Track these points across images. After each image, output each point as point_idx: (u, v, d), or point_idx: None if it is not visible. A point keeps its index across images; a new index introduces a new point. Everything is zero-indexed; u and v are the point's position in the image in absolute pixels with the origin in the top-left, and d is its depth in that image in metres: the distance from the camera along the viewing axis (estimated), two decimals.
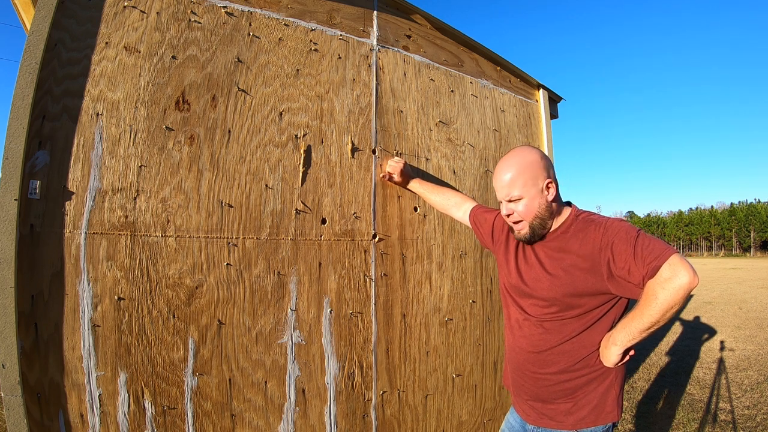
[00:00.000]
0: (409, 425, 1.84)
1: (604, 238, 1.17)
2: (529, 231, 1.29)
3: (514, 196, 1.28)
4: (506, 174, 1.29)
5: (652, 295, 1.09)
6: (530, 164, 1.28)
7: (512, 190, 1.28)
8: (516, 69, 2.51)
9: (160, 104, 1.36)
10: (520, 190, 1.27)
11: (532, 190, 1.26)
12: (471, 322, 2.11)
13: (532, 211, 1.27)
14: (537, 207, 1.27)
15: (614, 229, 1.17)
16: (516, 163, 1.28)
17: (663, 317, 1.10)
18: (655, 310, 1.09)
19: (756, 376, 4.25)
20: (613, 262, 1.15)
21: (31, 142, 1.16)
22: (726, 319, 7.32)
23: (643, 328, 1.13)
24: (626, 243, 1.13)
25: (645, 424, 3.21)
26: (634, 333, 1.15)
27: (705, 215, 76.66)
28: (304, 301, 1.58)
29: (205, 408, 1.37)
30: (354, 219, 1.74)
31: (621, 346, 1.17)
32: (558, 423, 1.27)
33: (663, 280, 1.07)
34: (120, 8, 1.32)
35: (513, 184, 1.27)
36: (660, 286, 1.07)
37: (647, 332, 1.14)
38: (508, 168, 1.29)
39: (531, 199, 1.27)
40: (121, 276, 1.26)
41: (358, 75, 1.82)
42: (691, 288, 1.06)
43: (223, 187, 1.45)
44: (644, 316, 1.12)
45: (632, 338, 1.15)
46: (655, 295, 1.08)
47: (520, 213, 1.29)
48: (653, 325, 1.12)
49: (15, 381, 1.08)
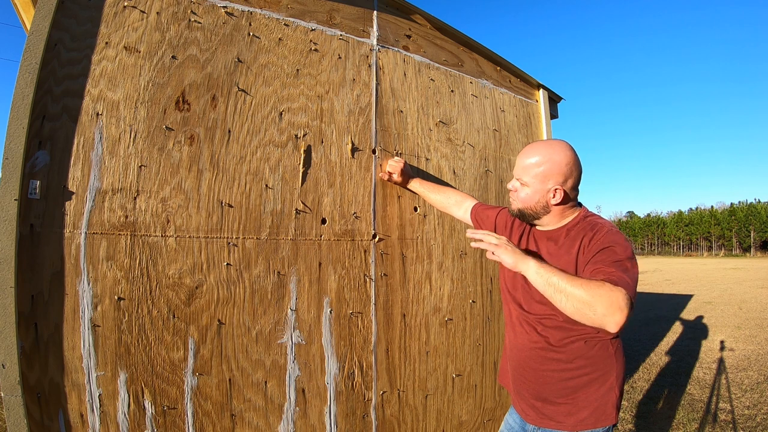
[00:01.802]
0: (409, 425, 1.84)
1: (605, 238, 1.19)
2: (517, 213, 1.38)
3: (523, 180, 1.32)
4: (529, 158, 1.31)
5: (588, 287, 1.02)
6: (553, 163, 1.27)
7: (523, 175, 1.32)
8: (516, 69, 2.51)
9: (160, 104, 1.36)
10: (529, 179, 1.30)
11: (538, 186, 1.29)
12: (471, 322, 2.11)
13: (529, 202, 1.32)
14: (535, 202, 1.31)
15: (614, 239, 1.18)
16: (542, 154, 1.29)
17: (566, 300, 1.04)
18: (575, 293, 1.02)
19: (756, 376, 4.25)
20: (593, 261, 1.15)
21: (31, 142, 1.16)
22: (726, 319, 7.32)
23: (552, 284, 1.06)
24: (611, 253, 1.13)
25: (645, 424, 3.20)
26: (546, 276, 1.08)
27: (705, 215, 76.70)
28: (304, 301, 1.58)
29: (205, 408, 1.37)
30: (354, 219, 1.74)
31: (527, 270, 1.11)
32: (558, 423, 1.27)
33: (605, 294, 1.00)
34: (120, 8, 1.32)
35: (527, 170, 1.30)
36: (599, 295, 1.00)
37: (548, 287, 1.07)
38: (534, 154, 1.31)
39: (534, 192, 1.30)
40: (121, 276, 1.26)
41: (358, 75, 1.82)
42: (604, 325, 1.00)
43: (223, 187, 1.45)
44: (565, 283, 1.04)
45: (539, 276, 1.09)
46: (591, 290, 1.01)
47: (517, 196, 1.35)
48: (557, 292, 1.05)
49: (15, 381, 1.08)
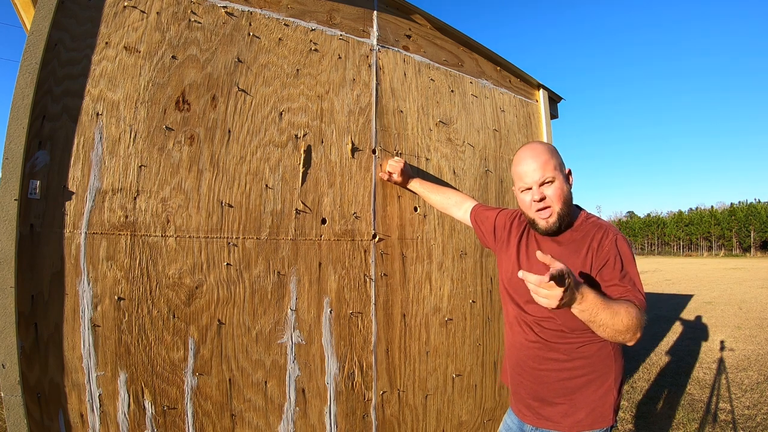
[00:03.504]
0: (409, 425, 1.84)
1: (610, 245, 1.21)
2: (557, 219, 1.25)
3: (548, 177, 1.24)
4: (539, 157, 1.26)
5: (625, 317, 1.06)
6: (554, 152, 1.31)
7: (546, 173, 1.24)
8: (516, 69, 2.51)
9: (160, 104, 1.36)
10: (553, 173, 1.25)
11: (561, 175, 1.27)
12: (471, 322, 2.11)
13: (563, 195, 1.25)
14: (566, 192, 1.27)
15: (622, 247, 1.21)
16: (544, 149, 1.29)
17: (603, 330, 1.08)
18: (615, 326, 1.06)
19: (756, 376, 4.25)
20: (604, 271, 1.19)
21: (31, 142, 1.16)
22: (726, 319, 7.32)
23: (595, 322, 1.07)
24: (627, 264, 1.19)
25: (645, 424, 3.21)
26: (589, 316, 1.07)
27: (705, 215, 76.65)
28: (304, 301, 1.58)
29: (205, 408, 1.37)
30: (354, 219, 1.74)
31: (578, 308, 1.06)
32: (555, 424, 1.27)
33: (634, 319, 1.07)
34: (120, 8, 1.32)
35: (546, 166, 1.25)
36: (630, 319, 1.07)
37: (592, 323, 1.08)
38: (539, 152, 1.28)
39: (562, 183, 1.26)
40: (121, 276, 1.26)
41: (358, 75, 1.82)
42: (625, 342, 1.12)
43: (223, 187, 1.45)
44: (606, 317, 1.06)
45: (585, 313, 1.06)
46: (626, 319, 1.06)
47: (551, 197, 1.24)
48: (599, 327, 1.08)
49: (15, 381, 1.08)
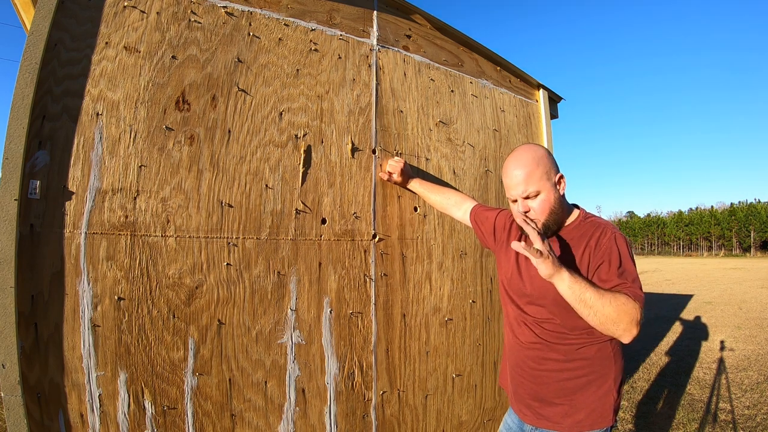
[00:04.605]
0: (409, 425, 1.84)
1: (608, 243, 1.20)
2: (543, 228, 1.26)
3: (531, 192, 1.24)
4: (521, 170, 1.25)
5: (616, 305, 1.07)
6: (541, 159, 1.27)
7: (528, 186, 1.24)
8: (516, 69, 2.51)
9: (160, 104, 1.36)
10: (537, 185, 1.24)
11: (547, 184, 1.25)
12: (471, 322, 2.11)
13: (549, 206, 1.25)
14: (553, 202, 1.25)
15: (620, 245, 1.20)
16: (529, 159, 1.26)
17: (594, 315, 1.08)
18: (604, 311, 1.07)
19: (756, 376, 4.25)
20: (601, 268, 1.19)
21: (31, 142, 1.16)
22: (726, 319, 7.32)
23: (584, 300, 1.09)
24: (624, 261, 1.18)
25: (645, 424, 3.21)
26: (578, 293, 1.09)
27: (705, 215, 76.65)
28: (304, 301, 1.58)
29: (205, 408, 1.37)
30: (354, 219, 1.74)
31: (560, 284, 1.10)
32: (555, 424, 1.27)
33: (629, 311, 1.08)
34: (120, 8, 1.32)
35: (529, 179, 1.24)
36: (624, 312, 1.07)
37: (579, 303, 1.10)
38: (522, 164, 1.26)
39: (548, 193, 1.25)
40: (121, 276, 1.26)
41: (358, 75, 1.82)
42: (620, 337, 1.12)
43: (223, 187, 1.45)
44: (595, 300, 1.08)
45: (571, 291, 1.10)
46: (619, 308, 1.07)
47: (535, 210, 1.25)
48: (587, 308, 1.09)
49: (15, 381, 1.08)
